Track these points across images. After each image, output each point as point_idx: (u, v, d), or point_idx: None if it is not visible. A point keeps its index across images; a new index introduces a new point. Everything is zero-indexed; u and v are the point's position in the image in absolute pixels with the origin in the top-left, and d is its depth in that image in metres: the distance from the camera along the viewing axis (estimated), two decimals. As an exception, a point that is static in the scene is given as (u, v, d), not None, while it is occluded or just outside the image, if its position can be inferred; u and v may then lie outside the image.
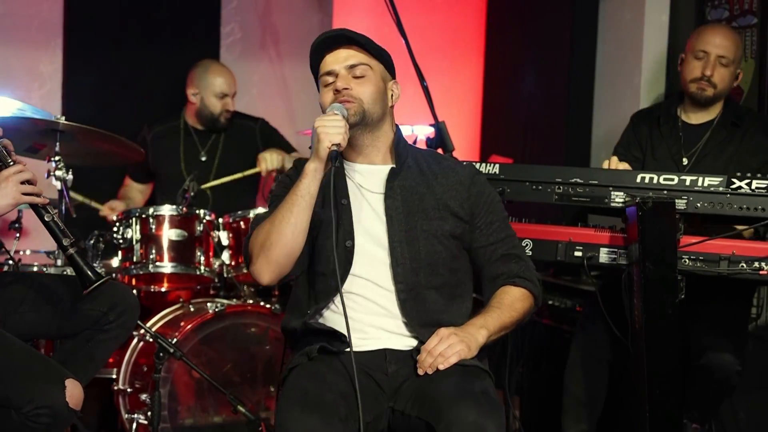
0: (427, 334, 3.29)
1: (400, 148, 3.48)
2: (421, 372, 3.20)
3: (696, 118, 4.65)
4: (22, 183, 3.54)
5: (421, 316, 3.33)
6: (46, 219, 3.60)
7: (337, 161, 3.23)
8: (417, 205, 3.39)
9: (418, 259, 3.35)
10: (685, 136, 4.62)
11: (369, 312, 3.34)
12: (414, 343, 3.33)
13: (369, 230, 3.38)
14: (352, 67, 3.38)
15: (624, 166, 4.22)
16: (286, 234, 3.23)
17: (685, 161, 4.56)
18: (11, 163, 3.56)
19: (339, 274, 3.19)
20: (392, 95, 3.47)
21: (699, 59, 4.58)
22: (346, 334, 3.21)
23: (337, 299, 3.30)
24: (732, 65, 4.57)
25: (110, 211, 5.52)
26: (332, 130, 3.22)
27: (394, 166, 3.44)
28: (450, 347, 3.20)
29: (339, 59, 3.40)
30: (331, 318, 3.36)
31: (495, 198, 3.53)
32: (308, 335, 3.37)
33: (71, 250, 3.59)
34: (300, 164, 3.39)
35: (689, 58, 4.62)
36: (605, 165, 4.24)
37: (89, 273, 3.58)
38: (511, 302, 3.40)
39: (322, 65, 3.44)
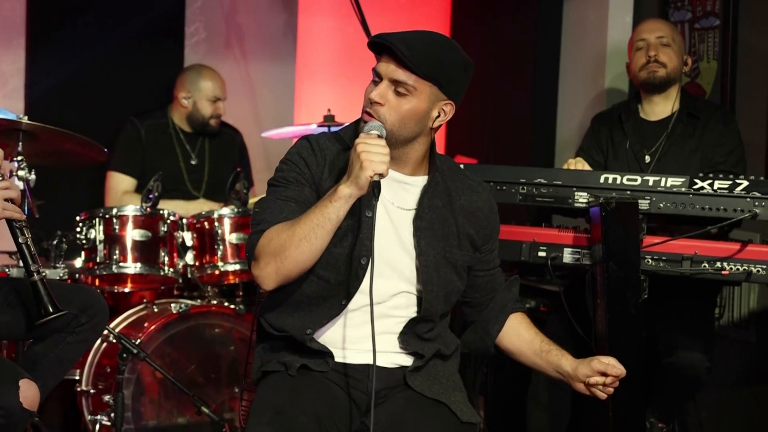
0: (420, 345, 3.23)
1: (434, 161, 3.27)
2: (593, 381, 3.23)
3: (655, 114, 4.67)
4: (6, 200, 3.52)
5: (414, 336, 3.24)
6: (20, 241, 3.58)
7: (379, 192, 3.01)
8: (441, 229, 3.23)
9: (441, 288, 3.23)
10: (645, 134, 4.64)
11: (365, 329, 3.15)
12: (400, 360, 3.25)
13: (388, 248, 3.19)
14: (396, 82, 3.11)
15: (585, 165, 4.24)
16: (303, 253, 3.03)
17: (647, 159, 4.58)
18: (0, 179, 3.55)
19: (370, 299, 3.05)
20: (438, 117, 3.20)
21: (640, 49, 4.64)
22: (336, 351, 3.17)
23: (341, 317, 3.19)
24: (673, 44, 4.61)
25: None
26: (377, 158, 2.97)
27: (427, 182, 3.25)
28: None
29: (389, 66, 3.13)
30: (329, 333, 3.22)
31: (499, 226, 3.44)
32: (291, 340, 3.23)
33: (36, 278, 3.57)
34: (314, 142, 3.22)
35: (632, 55, 4.69)
36: (566, 166, 4.26)
37: (48, 304, 3.56)
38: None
39: (377, 59, 3.19)
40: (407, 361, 3.26)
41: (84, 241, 4.92)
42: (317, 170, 3.19)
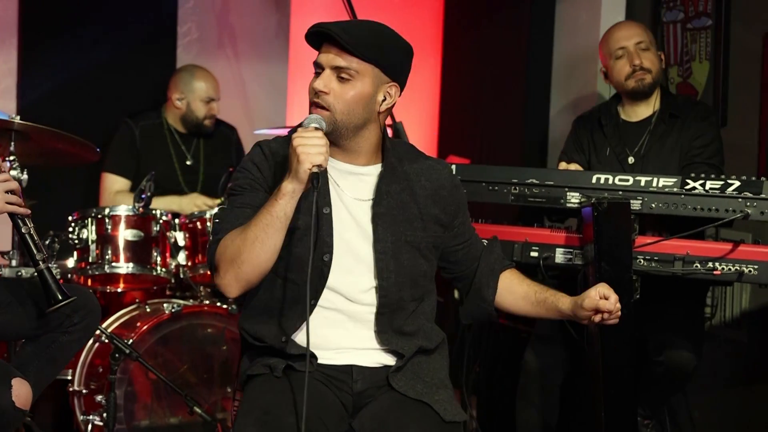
0: (400, 342, 3.21)
1: (386, 148, 3.29)
2: (597, 318, 3.21)
3: (636, 115, 4.67)
4: (7, 192, 3.52)
5: (392, 329, 3.23)
6: (23, 231, 3.59)
7: (319, 183, 3.03)
8: (401, 213, 3.24)
9: (402, 273, 3.22)
10: (627, 135, 4.64)
11: (340, 326, 3.21)
12: (382, 359, 3.24)
13: (351, 242, 3.21)
14: (338, 68, 3.14)
15: (575, 167, 4.24)
16: (258, 254, 3.05)
17: (630, 160, 4.58)
18: None
19: (308, 292, 3.05)
20: (384, 100, 3.22)
21: (621, 57, 4.62)
22: (318, 352, 3.17)
23: (316, 317, 3.18)
24: (651, 47, 4.63)
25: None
26: (313, 150, 3.00)
27: (382, 169, 3.26)
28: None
29: (329, 55, 3.16)
30: (301, 333, 3.20)
31: (465, 198, 3.46)
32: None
33: (42, 266, 3.58)
34: (265, 148, 3.25)
35: (612, 64, 4.66)
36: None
37: (56, 292, 3.57)
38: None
39: (318, 52, 3.21)
40: (390, 360, 3.25)
41: (76, 241, 4.91)
42: (269, 174, 3.22)
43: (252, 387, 3.22)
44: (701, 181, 3.78)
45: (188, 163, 5.76)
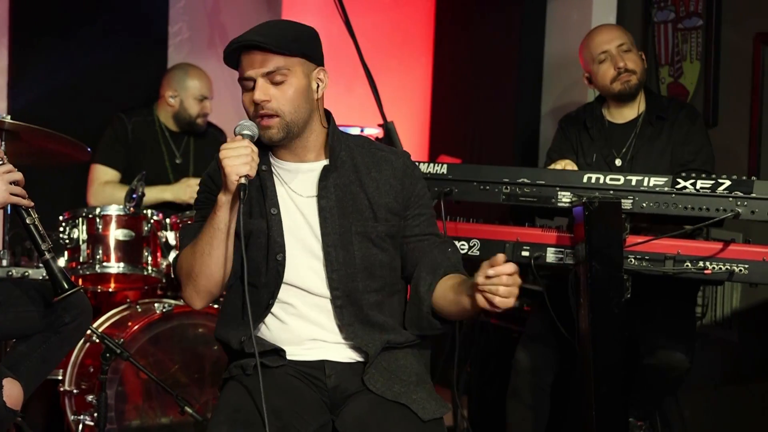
0: (367, 337, 3.21)
1: (334, 142, 3.29)
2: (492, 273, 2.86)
3: (621, 116, 4.67)
4: (11, 183, 3.53)
5: (359, 320, 3.23)
6: (28, 222, 3.61)
7: (246, 194, 3.05)
8: (351, 205, 3.25)
9: (353, 264, 3.22)
10: (613, 137, 4.65)
11: (306, 321, 3.24)
12: (353, 354, 3.24)
13: (302, 238, 3.24)
14: (269, 73, 3.15)
15: (571, 166, 4.25)
16: (208, 266, 3.15)
17: (618, 162, 4.58)
18: (1, 163, 3.55)
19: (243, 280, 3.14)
20: (318, 87, 3.25)
21: (604, 61, 4.61)
22: (286, 348, 3.21)
23: (274, 317, 3.25)
24: (633, 48, 4.62)
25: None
26: (237, 161, 3.04)
27: (327, 163, 3.27)
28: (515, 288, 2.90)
29: (254, 64, 3.16)
30: (269, 332, 3.27)
31: (426, 192, 3.38)
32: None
33: (48, 256, 3.60)
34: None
35: (595, 68, 4.65)
36: (554, 167, 4.26)
37: (63, 281, 3.58)
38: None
39: (240, 68, 3.21)
40: (360, 355, 3.25)
41: (67, 241, 4.90)
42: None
43: (226, 388, 3.28)
44: (692, 181, 3.78)
45: (178, 161, 5.76)
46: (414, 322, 3.30)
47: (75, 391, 4.79)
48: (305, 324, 3.25)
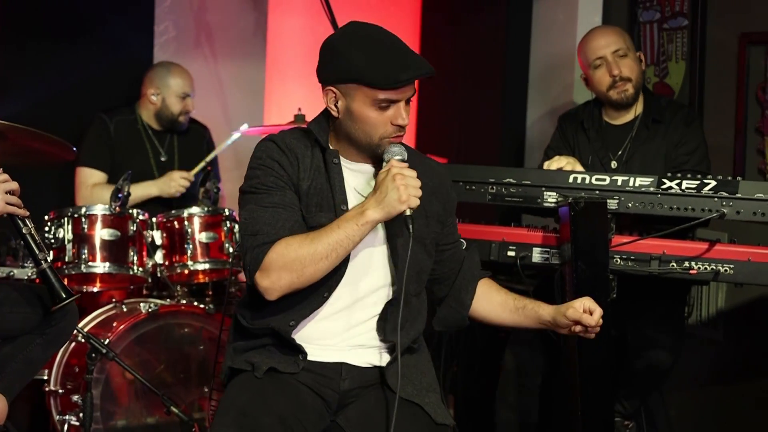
0: (396, 340, 3.17)
1: None
2: (577, 329, 3.25)
3: (619, 118, 4.67)
4: (7, 193, 3.51)
5: (395, 322, 3.17)
6: (24, 232, 3.59)
7: (413, 226, 3.07)
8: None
9: (411, 268, 3.18)
10: (609, 139, 4.65)
11: (343, 320, 3.22)
12: (373, 359, 3.25)
13: (368, 238, 3.18)
14: (409, 99, 3.19)
15: (568, 164, 4.23)
16: (322, 270, 3.08)
17: (613, 164, 4.59)
18: None
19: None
20: None
21: (600, 67, 4.59)
22: (311, 348, 3.19)
23: (324, 310, 3.20)
24: (630, 52, 4.60)
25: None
26: (414, 192, 3.07)
27: None
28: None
29: (407, 94, 3.16)
30: (307, 327, 3.22)
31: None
32: (266, 336, 3.23)
33: (44, 265, 3.58)
34: (280, 143, 3.22)
35: (591, 73, 4.64)
36: (549, 165, 4.25)
37: (60, 290, 3.57)
38: None
39: (386, 92, 3.12)
40: (381, 359, 3.26)
41: (52, 241, 4.88)
42: (292, 171, 3.21)
43: (232, 385, 3.23)
44: (677, 181, 3.79)
45: (162, 159, 5.74)
46: (446, 321, 3.51)
47: (60, 390, 4.78)
48: (339, 323, 3.23)
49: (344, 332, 3.24)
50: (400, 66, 3.11)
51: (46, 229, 4.90)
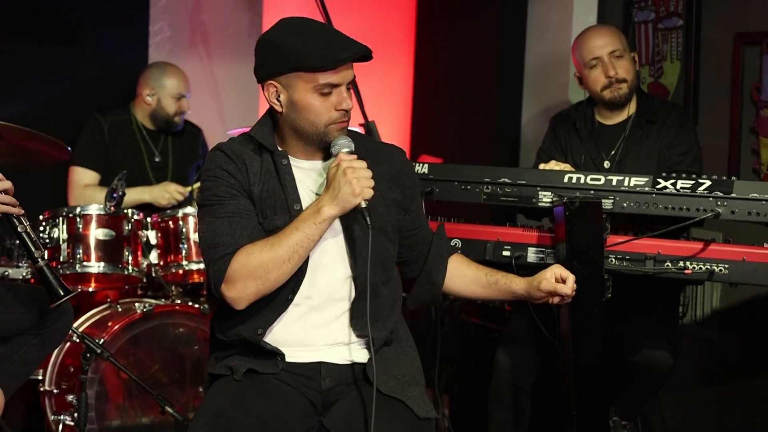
0: (373, 330, 3.16)
1: None
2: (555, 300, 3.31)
3: (612, 118, 4.67)
4: (1, 192, 3.51)
5: (370, 314, 3.17)
6: (20, 230, 3.58)
7: (370, 217, 3.08)
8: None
9: (373, 259, 3.19)
10: (602, 139, 4.64)
11: (312, 321, 3.22)
12: (352, 355, 3.24)
13: (325, 234, 3.18)
14: (349, 84, 3.19)
15: (565, 166, 4.23)
16: (285, 273, 3.09)
17: (606, 164, 4.59)
18: None
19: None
20: None
21: (595, 67, 4.58)
22: (287, 350, 3.18)
23: (288, 312, 3.21)
24: (625, 53, 4.58)
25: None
26: (366, 183, 3.06)
27: None
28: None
29: (347, 77, 3.16)
30: (278, 331, 3.23)
31: (419, 182, 3.55)
32: (241, 344, 3.24)
33: (41, 263, 3.58)
34: (227, 150, 3.22)
35: (586, 73, 4.63)
36: (543, 167, 4.25)
37: (58, 288, 3.56)
38: None
39: (328, 74, 3.12)
40: (359, 356, 3.25)
41: (47, 240, 4.88)
42: (242, 177, 3.22)
43: (211, 389, 3.25)
44: (672, 181, 3.79)
45: (157, 159, 5.74)
46: (419, 300, 3.54)
47: (55, 391, 4.78)
48: (309, 323, 3.23)
49: (319, 331, 3.23)
50: (338, 47, 3.13)
51: (41, 228, 4.90)
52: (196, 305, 4.94)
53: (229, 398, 3.13)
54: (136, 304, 4.86)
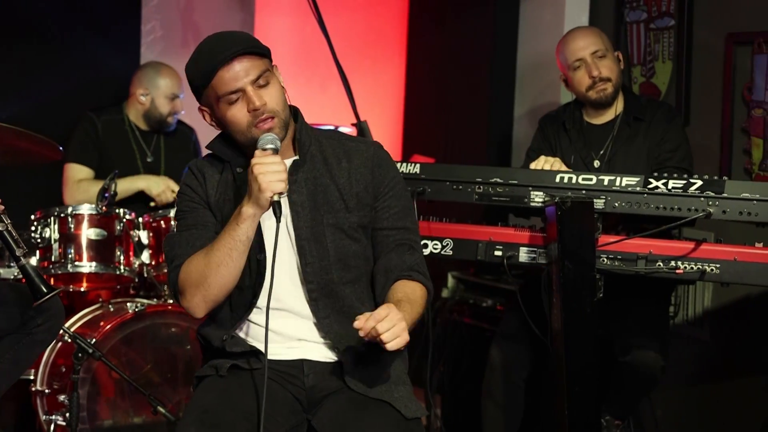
0: (343, 330, 3.18)
1: (303, 136, 3.29)
2: (363, 334, 2.91)
3: (600, 118, 4.68)
4: None
5: (335, 312, 3.22)
6: (1, 228, 3.58)
7: (281, 212, 3.06)
8: (322, 197, 3.24)
9: (327, 257, 3.22)
10: (591, 138, 4.65)
11: (286, 319, 3.23)
12: (332, 354, 3.23)
13: (281, 239, 3.15)
14: (256, 79, 3.14)
15: (556, 161, 4.23)
16: (224, 276, 3.12)
17: (596, 164, 4.59)
18: None
19: (269, 290, 3.09)
20: (281, 81, 3.26)
21: (579, 68, 4.60)
22: (263, 348, 3.15)
23: (254, 314, 3.24)
24: (608, 53, 4.60)
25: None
26: (274, 177, 3.02)
27: (297, 158, 3.27)
28: (399, 327, 2.92)
29: (239, 75, 3.13)
30: (251, 332, 3.27)
31: (399, 182, 3.35)
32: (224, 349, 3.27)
33: (23, 261, 3.58)
34: (193, 167, 3.30)
35: (571, 75, 4.65)
36: (535, 165, 4.25)
37: (41, 285, 3.56)
38: (416, 298, 3.17)
39: (219, 84, 3.15)
40: (338, 353, 3.23)
41: (39, 240, 4.88)
42: (201, 190, 3.29)
43: (198, 389, 3.28)
44: (664, 181, 3.80)
45: (149, 159, 5.73)
46: None
47: (47, 390, 4.77)
48: (285, 321, 3.24)
49: (294, 330, 3.25)
50: (217, 52, 3.16)
51: (33, 228, 4.89)
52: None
53: (216, 395, 3.15)
54: (128, 304, 4.85)
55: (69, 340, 4.54)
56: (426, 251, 3.96)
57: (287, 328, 3.25)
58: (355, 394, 3.17)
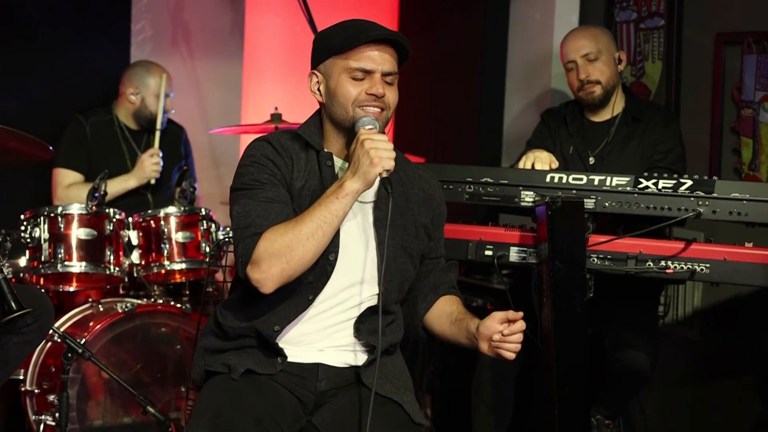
0: (374, 338, 3.19)
1: None
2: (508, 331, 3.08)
3: (599, 116, 4.71)
4: None
5: (373, 327, 3.20)
6: None
7: (391, 188, 3.07)
8: (399, 219, 3.25)
9: (395, 278, 3.23)
10: (590, 135, 4.68)
11: (323, 323, 3.21)
12: (350, 359, 3.24)
13: (356, 243, 3.20)
14: (388, 74, 3.19)
15: (547, 156, 4.24)
16: (311, 251, 3.03)
17: (591, 160, 4.61)
18: None
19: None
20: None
21: (571, 70, 4.68)
22: (290, 349, 3.16)
23: (307, 313, 3.18)
24: (601, 55, 4.63)
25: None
26: (385, 154, 3.02)
27: (386, 175, 3.14)
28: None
29: (379, 61, 3.19)
30: (292, 330, 3.21)
31: (445, 211, 3.47)
32: (246, 337, 3.22)
33: (3, 274, 3.56)
34: (275, 143, 3.22)
35: (567, 74, 4.74)
36: (528, 164, 4.24)
37: (12, 302, 3.54)
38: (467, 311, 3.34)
39: (356, 56, 3.19)
40: (358, 359, 3.26)
41: (28, 240, 4.86)
42: (287, 170, 3.21)
43: (208, 386, 3.23)
44: (654, 180, 3.80)
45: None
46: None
47: (36, 390, 4.76)
48: (319, 326, 3.22)
49: (321, 332, 3.23)
50: (368, 30, 3.22)
51: (22, 228, 4.87)
52: (178, 305, 4.93)
53: (228, 398, 3.12)
54: (118, 304, 4.85)
55: (59, 340, 4.53)
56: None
57: (319, 333, 3.23)
58: (360, 393, 3.19)
